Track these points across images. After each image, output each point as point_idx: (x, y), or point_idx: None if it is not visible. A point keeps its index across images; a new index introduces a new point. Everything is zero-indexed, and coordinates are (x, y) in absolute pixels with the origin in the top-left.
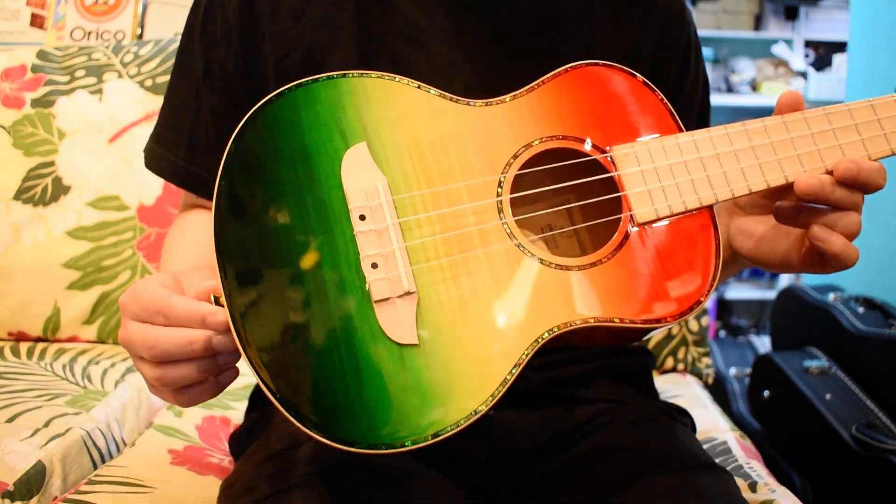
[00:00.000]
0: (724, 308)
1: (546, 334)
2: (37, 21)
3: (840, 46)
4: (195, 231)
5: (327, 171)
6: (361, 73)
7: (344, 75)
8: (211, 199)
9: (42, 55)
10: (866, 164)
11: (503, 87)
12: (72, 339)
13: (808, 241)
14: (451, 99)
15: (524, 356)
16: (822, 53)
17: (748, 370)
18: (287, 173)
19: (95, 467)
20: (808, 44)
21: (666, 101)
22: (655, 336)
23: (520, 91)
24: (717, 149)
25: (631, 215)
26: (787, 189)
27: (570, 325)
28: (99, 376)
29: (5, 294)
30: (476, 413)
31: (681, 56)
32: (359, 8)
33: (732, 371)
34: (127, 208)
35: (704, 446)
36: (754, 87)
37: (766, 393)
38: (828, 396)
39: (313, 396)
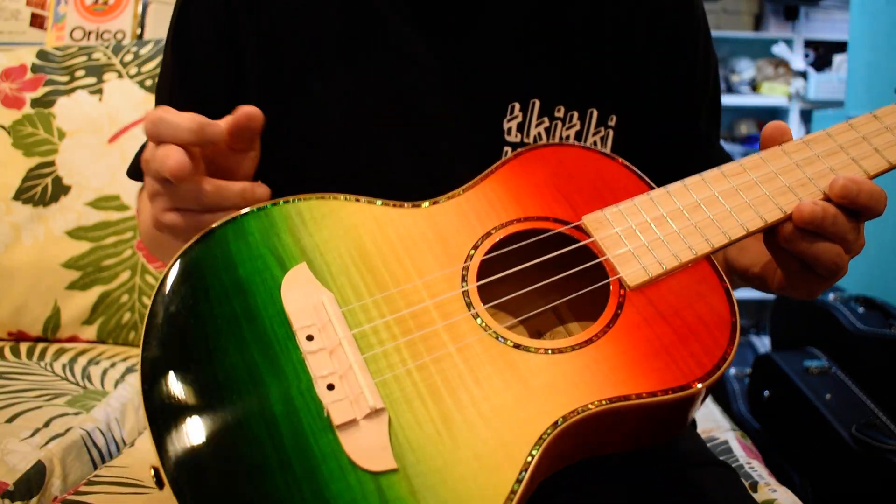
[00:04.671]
0: None
1: (550, 429)
2: (37, 21)
3: (840, 46)
4: None
5: (266, 300)
6: (294, 199)
7: (275, 203)
8: None
9: (42, 55)
10: (867, 184)
11: (500, 100)
12: (72, 339)
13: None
14: (394, 205)
15: (529, 460)
16: (822, 53)
17: (748, 370)
18: (221, 311)
19: (95, 467)
20: (808, 44)
21: (628, 164)
22: None
23: (469, 183)
24: (696, 195)
25: (619, 279)
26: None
27: (578, 414)
28: (99, 376)
29: (5, 294)
30: None
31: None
32: (346, 20)
33: (732, 371)
34: (127, 208)
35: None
36: (754, 87)
37: (766, 393)
38: (828, 396)
39: None
